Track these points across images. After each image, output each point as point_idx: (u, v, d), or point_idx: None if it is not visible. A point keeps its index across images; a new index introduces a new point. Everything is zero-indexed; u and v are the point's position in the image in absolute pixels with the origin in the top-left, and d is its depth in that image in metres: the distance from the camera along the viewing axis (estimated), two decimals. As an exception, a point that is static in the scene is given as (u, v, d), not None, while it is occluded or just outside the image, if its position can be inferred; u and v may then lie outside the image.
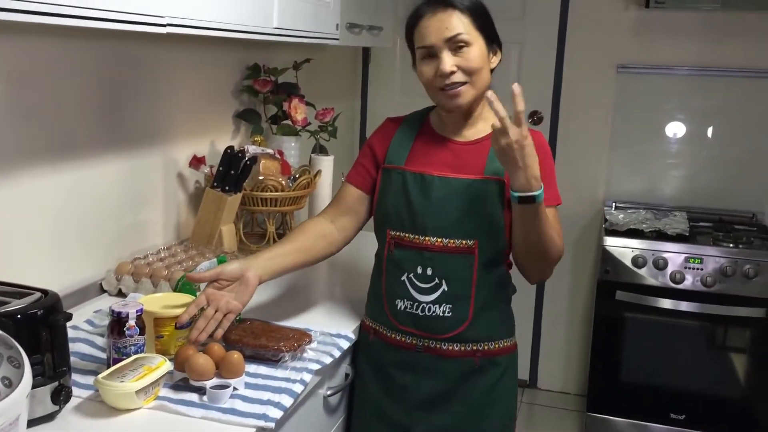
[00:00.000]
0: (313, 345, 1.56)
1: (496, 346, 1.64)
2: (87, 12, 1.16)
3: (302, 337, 1.54)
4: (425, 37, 1.56)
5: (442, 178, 1.59)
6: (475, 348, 1.62)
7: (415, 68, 1.63)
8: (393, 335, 1.65)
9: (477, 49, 1.55)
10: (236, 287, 1.52)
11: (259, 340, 1.50)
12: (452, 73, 1.54)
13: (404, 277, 1.61)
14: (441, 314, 1.59)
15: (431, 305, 1.60)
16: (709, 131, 3.25)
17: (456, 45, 1.54)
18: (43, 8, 1.07)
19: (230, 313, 1.49)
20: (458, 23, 1.54)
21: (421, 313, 1.60)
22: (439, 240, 1.58)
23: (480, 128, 1.63)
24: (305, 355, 1.52)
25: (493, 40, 1.60)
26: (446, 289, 1.58)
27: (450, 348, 1.61)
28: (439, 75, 1.55)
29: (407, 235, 1.61)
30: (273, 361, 1.48)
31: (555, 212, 1.61)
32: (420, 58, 1.59)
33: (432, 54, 1.56)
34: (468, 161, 1.60)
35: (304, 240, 1.67)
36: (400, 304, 1.62)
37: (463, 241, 1.57)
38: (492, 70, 1.61)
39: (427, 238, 1.59)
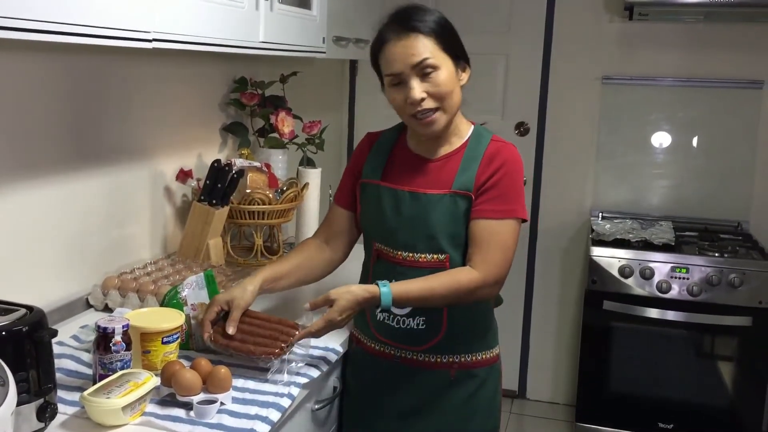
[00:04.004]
0: (302, 357, 1.56)
1: (474, 358, 1.64)
2: (72, 28, 1.17)
3: (290, 330, 1.52)
4: (391, 64, 1.52)
5: (413, 194, 1.59)
6: (451, 360, 1.63)
7: (384, 92, 1.59)
8: (373, 345, 1.68)
9: (445, 71, 1.51)
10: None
11: (246, 345, 1.49)
12: (422, 100, 1.51)
13: None
14: (416, 327, 1.60)
15: (406, 318, 1.61)
16: (694, 141, 3.28)
17: (423, 71, 1.50)
18: (27, 25, 1.07)
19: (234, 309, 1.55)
20: (423, 48, 1.49)
21: (396, 326, 1.62)
22: (411, 255, 1.59)
23: (453, 142, 1.62)
24: (293, 367, 1.51)
25: (460, 57, 1.56)
26: None
27: (426, 359, 1.63)
28: (410, 103, 1.52)
29: (385, 248, 1.63)
30: (262, 369, 1.47)
31: (513, 226, 1.57)
32: (389, 84, 1.56)
33: (401, 81, 1.52)
34: (438, 177, 1.60)
35: (303, 259, 1.70)
36: (380, 315, 1.64)
37: (434, 256, 1.58)
38: (462, 86, 1.60)
39: (399, 253, 1.60)
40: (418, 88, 1.50)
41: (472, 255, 1.55)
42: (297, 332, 1.51)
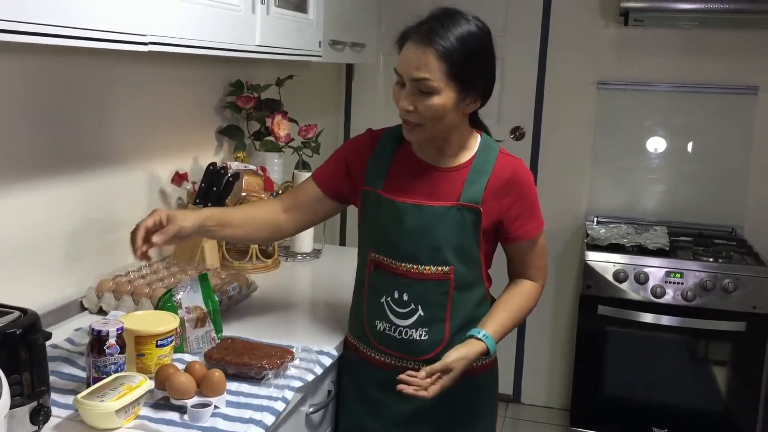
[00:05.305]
0: (296, 362, 1.55)
1: (474, 365, 1.64)
2: (70, 31, 1.17)
3: (285, 354, 1.53)
4: (399, 63, 1.51)
5: (416, 206, 1.56)
6: None
7: None
8: (372, 354, 1.66)
9: (442, 99, 1.47)
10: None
11: (242, 358, 1.49)
12: (408, 111, 1.50)
13: (383, 300, 1.61)
14: (418, 337, 1.59)
15: (408, 329, 1.59)
16: (689, 146, 3.29)
17: (420, 88, 1.47)
18: (24, 27, 1.07)
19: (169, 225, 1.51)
20: (431, 67, 1.45)
21: (398, 336, 1.60)
22: (415, 267, 1.57)
23: (461, 157, 1.60)
24: (288, 372, 1.51)
25: (470, 88, 1.50)
26: (422, 314, 1.58)
27: None
28: (398, 106, 1.53)
29: (385, 259, 1.61)
30: (256, 379, 1.47)
31: (541, 240, 1.67)
32: (396, 78, 1.55)
33: (401, 82, 1.51)
34: (444, 188, 1.58)
35: (251, 218, 1.68)
36: (380, 325, 1.62)
37: (439, 268, 1.57)
38: (474, 111, 1.58)
39: (402, 265, 1.58)
40: (407, 99, 1.50)
41: (525, 269, 1.68)
42: (413, 374, 1.49)
